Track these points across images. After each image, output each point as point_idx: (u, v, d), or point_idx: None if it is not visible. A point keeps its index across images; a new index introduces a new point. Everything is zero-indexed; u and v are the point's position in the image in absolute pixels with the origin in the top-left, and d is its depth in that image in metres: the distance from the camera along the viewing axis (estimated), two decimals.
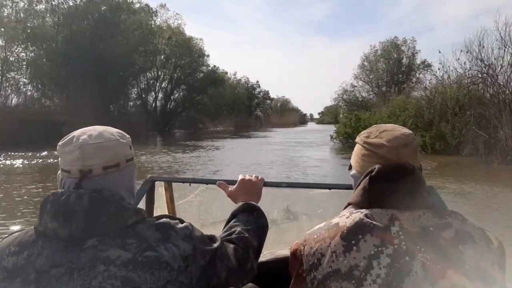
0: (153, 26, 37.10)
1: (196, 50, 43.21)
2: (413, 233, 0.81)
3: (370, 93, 42.57)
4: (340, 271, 0.81)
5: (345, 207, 0.93)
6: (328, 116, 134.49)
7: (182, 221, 0.90)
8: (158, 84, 41.68)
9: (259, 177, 1.30)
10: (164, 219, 0.88)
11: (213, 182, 1.47)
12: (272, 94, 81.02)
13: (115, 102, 33.25)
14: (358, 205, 0.89)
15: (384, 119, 19.25)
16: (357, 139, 1.00)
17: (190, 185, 1.77)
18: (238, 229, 1.03)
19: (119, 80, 31.91)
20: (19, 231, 0.87)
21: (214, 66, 47.39)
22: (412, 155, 0.92)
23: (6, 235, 0.87)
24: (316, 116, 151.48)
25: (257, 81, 71.93)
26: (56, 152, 0.90)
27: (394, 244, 0.80)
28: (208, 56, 44.92)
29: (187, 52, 41.78)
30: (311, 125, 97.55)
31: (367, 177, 0.88)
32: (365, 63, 42.53)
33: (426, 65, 40.12)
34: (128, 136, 0.96)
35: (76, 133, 0.89)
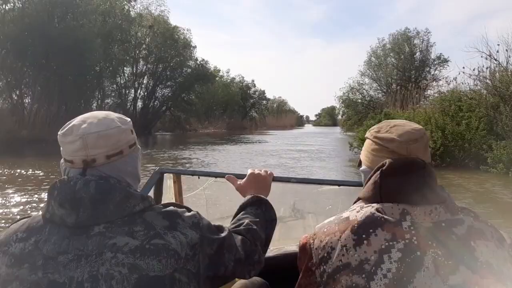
0: (131, 12, 31.81)
1: (181, 41, 37.52)
2: (425, 228, 0.80)
3: (377, 91, 37.54)
4: (351, 265, 0.80)
5: (355, 202, 0.92)
6: (325, 118, 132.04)
7: (189, 210, 0.89)
8: (138, 79, 36.03)
9: (269, 172, 1.28)
10: (171, 207, 0.86)
11: (222, 175, 1.43)
12: (269, 95, 76.07)
13: (85, 101, 27.77)
14: (368, 199, 0.88)
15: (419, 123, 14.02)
16: (367, 134, 0.98)
17: (199, 178, 1.75)
18: (247, 221, 1.02)
19: (90, 75, 26.54)
20: (26, 217, 0.85)
21: (203, 59, 42.04)
22: (422, 150, 0.91)
23: (13, 222, 0.86)
24: (312, 118, 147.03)
25: (253, 80, 66.90)
26: None
27: (405, 238, 0.79)
28: (195, 47, 39.40)
29: (171, 43, 36.23)
30: (308, 128, 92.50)
31: (378, 172, 0.87)
32: (373, 58, 37.39)
33: (442, 61, 35.14)
34: (129, 119, 0.93)
35: (75, 121, 0.86)
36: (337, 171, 13.01)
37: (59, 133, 0.85)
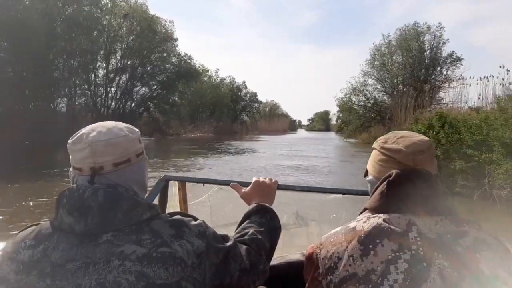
0: None
1: (162, 33, 32.66)
2: (431, 240, 0.80)
3: (382, 93, 33.32)
4: (357, 275, 0.80)
5: (361, 212, 0.92)
6: (319, 122, 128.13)
7: (195, 219, 0.89)
8: (111, 76, 31.06)
9: (273, 180, 1.28)
10: (177, 216, 0.87)
11: (227, 183, 1.44)
12: (261, 98, 71.65)
13: (41, 99, 23.09)
14: (375, 210, 0.88)
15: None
16: (374, 145, 0.99)
17: (204, 185, 1.74)
18: (251, 230, 1.02)
19: (51, 70, 21.97)
20: (35, 225, 0.86)
21: (186, 54, 36.97)
22: (429, 162, 0.91)
23: (21, 229, 0.87)
24: (304, 122, 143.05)
25: (244, 82, 62.33)
26: None
27: (411, 249, 0.79)
28: (176, 40, 34.55)
29: (149, 35, 31.41)
30: (301, 133, 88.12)
31: (385, 182, 0.87)
32: (377, 56, 33.21)
33: (455, 59, 31.06)
34: (137, 130, 0.94)
35: (85, 130, 0.88)
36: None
37: (69, 141, 0.87)
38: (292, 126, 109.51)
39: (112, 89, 31.25)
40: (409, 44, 31.15)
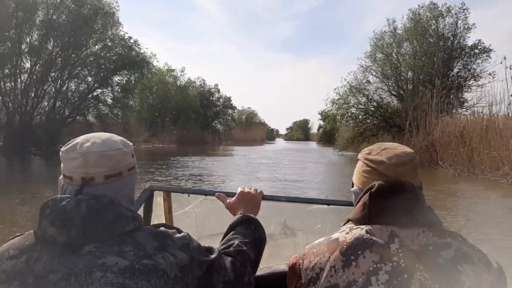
0: None
1: (92, 6, 23.37)
2: (412, 251, 0.80)
3: (385, 93, 25.63)
4: (339, 286, 0.80)
5: (345, 223, 0.92)
6: (298, 131, 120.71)
7: (180, 231, 0.88)
8: (20, 66, 21.94)
9: (258, 190, 1.27)
10: (161, 228, 0.86)
11: (212, 193, 1.44)
12: (237, 106, 63.13)
13: None
14: (358, 221, 0.88)
15: None
16: (359, 156, 0.99)
17: (189, 196, 1.73)
18: (236, 242, 1.00)
19: None
20: (20, 235, 0.85)
21: (130, 38, 27.02)
22: (411, 173, 0.90)
23: (9, 239, 0.85)
24: (282, 131, 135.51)
25: (216, 85, 53.52)
26: None
27: (393, 261, 0.79)
28: (118, 20, 25.43)
29: (74, 10, 22.49)
30: (280, 142, 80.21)
31: (368, 193, 0.87)
32: (379, 47, 25.53)
33: (482, 50, 23.80)
34: (131, 144, 0.93)
35: (79, 139, 0.87)
36: None
37: (62, 149, 0.86)
38: (270, 135, 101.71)
39: (26, 83, 22.15)
40: (424, 30, 23.65)
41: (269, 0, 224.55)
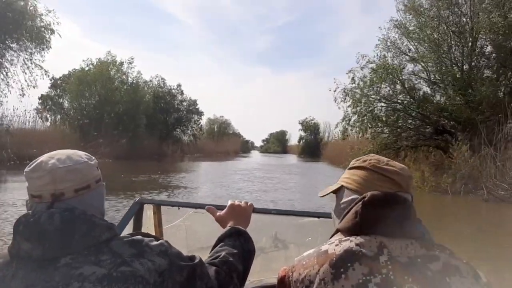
0: None
1: None
2: (401, 263, 0.80)
3: (417, 80, 15.81)
4: None
5: (333, 234, 0.92)
6: (274, 144, 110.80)
7: (158, 239, 0.87)
8: None
9: (249, 203, 1.26)
10: (138, 236, 0.85)
11: (202, 206, 1.39)
12: (209, 114, 52.54)
13: None
14: (347, 231, 0.87)
15: None
16: (362, 164, 0.97)
17: (179, 209, 1.69)
18: (223, 253, 1.00)
19: None
20: None
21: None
22: (412, 186, 0.95)
23: None
24: (257, 143, 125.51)
25: (179, 85, 43.01)
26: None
27: (382, 273, 0.78)
28: None
29: None
30: (255, 155, 69.85)
31: (360, 202, 0.86)
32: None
33: None
34: (94, 157, 0.93)
35: (43, 158, 0.86)
36: None
37: (26, 169, 0.84)
38: (245, 147, 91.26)
39: None
40: None
41: (245, 14, 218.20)
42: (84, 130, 30.04)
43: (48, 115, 32.17)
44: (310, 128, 66.69)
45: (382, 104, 14.94)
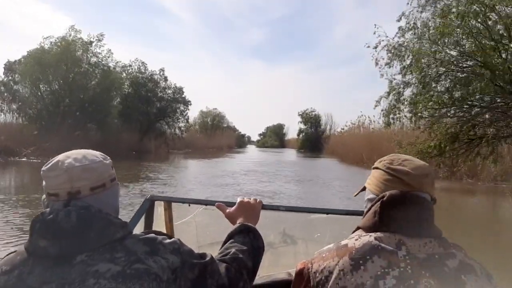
0: None
1: None
2: (419, 259, 0.82)
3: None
4: None
5: (354, 231, 0.94)
6: (271, 138, 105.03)
7: (170, 237, 0.89)
8: None
9: (258, 200, 1.27)
10: (151, 234, 0.87)
11: (212, 203, 1.43)
12: (201, 106, 46.37)
13: None
14: (368, 229, 0.89)
15: None
16: (378, 165, 0.99)
17: (189, 205, 1.69)
18: (233, 250, 1.00)
19: None
20: (13, 252, 0.86)
21: None
22: (432, 185, 0.93)
23: (1, 258, 0.86)
24: (254, 138, 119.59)
25: (162, 69, 36.91)
26: None
27: (400, 267, 0.80)
28: None
29: None
30: (252, 150, 64.29)
31: (379, 202, 0.89)
32: None
33: None
34: (109, 157, 0.95)
35: (60, 157, 0.88)
36: None
37: (43, 168, 0.86)
38: (240, 141, 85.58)
39: None
40: None
41: (240, 7, 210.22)
42: (40, 121, 24.26)
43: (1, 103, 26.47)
44: (311, 120, 60.59)
45: (454, 68, 9.11)
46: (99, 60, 27.74)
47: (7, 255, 0.85)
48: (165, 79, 36.79)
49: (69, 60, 25.75)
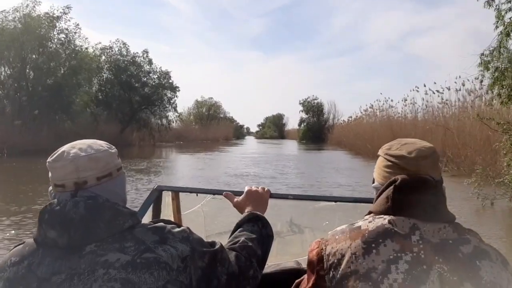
0: None
1: None
2: (433, 244, 0.81)
3: None
4: (358, 272, 0.80)
5: (366, 215, 0.92)
6: (271, 128, 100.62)
7: (179, 226, 0.89)
8: None
9: (266, 189, 1.27)
10: (160, 223, 0.87)
11: (220, 192, 1.40)
12: (197, 95, 42.07)
13: None
14: (380, 214, 0.87)
15: None
16: (380, 152, 0.98)
17: (197, 195, 1.70)
18: (242, 238, 1.00)
19: None
20: (22, 243, 0.85)
21: None
22: (432, 167, 0.89)
23: (10, 249, 0.86)
24: (253, 129, 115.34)
25: (145, 51, 32.39)
26: None
27: (413, 251, 0.80)
28: None
29: None
30: (251, 142, 60.21)
31: (392, 187, 0.87)
32: None
33: None
34: (114, 146, 0.94)
35: (65, 148, 0.87)
36: None
37: (48, 160, 0.85)
38: (238, 133, 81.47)
39: None
40: None
41: None
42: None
43: None
44: (313, 109, 56.21)
45: None
46: (67, 38, 23.47)
47: (15, 246, 0.85)
48: (150, 62, 32.60)
49: (32, 38, 21.56)
